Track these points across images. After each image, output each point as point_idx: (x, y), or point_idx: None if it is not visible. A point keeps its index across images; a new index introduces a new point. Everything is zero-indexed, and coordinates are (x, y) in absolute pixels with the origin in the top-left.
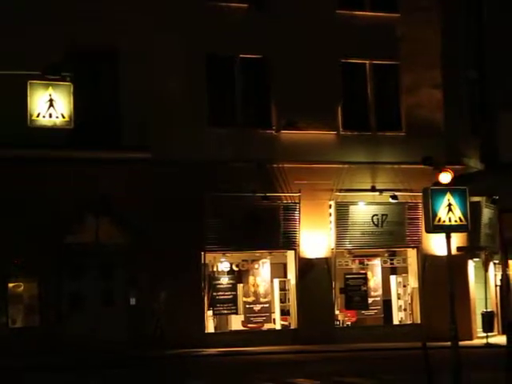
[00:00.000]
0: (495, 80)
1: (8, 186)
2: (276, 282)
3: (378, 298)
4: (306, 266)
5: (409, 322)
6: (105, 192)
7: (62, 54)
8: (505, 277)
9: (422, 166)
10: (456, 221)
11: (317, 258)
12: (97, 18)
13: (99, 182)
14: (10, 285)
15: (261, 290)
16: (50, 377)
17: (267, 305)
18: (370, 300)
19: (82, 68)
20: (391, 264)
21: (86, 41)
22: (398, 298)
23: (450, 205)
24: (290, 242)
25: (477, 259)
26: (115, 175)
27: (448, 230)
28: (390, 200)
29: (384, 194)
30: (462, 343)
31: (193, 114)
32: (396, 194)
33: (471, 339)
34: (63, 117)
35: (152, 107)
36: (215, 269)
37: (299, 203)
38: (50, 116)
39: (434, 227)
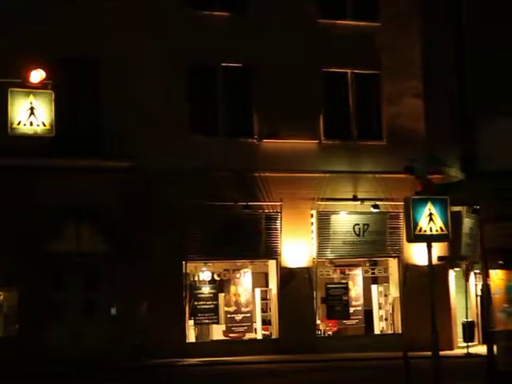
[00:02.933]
0: (475, 89)
1: None
2: (257, 291)
3: (360, 308)
4: (287, 276)
5: (390, 332)
6: (86, 201)
7: (43, 61)
8: (485, 286)
9: (403, 176)
10: (437, 230)
11: (298, 268)
12: (79, 26)
13: (80, 190)
14: None
15: (242, 300)
16: None
17: (248, 314)
18: (352, 310)
19: (63, 76)
20: (372, 273)
21: (68, 48)
22: (380, 308)
23: (431, 214)
24: (272, 252)
25: (458, 269)
26: (96, 184)
27: (429, 239)
28: (372, 209)
29: (365, 203)
30: (442, 353)
31: (174, 123)
32: (377, 203)
33: (452, 349)
34: (44, 125)
35: (134, 115)
36: (196, 278)
37: (281, 212)
38: (31, 124)
39: (415, 237)
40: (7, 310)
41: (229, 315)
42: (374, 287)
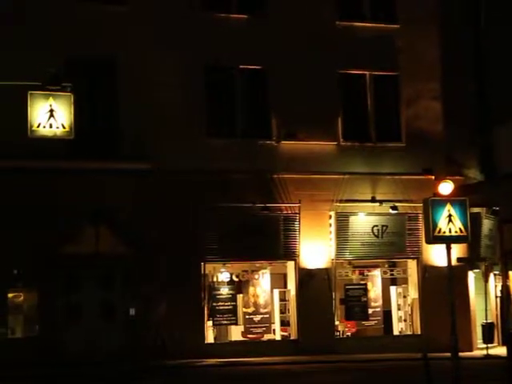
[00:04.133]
0: (494, 91)
1: (8, 197)
2: (276, 292)
3: (378, 309)
4: (306, 277)
5: (409, 333)
6: (104, 202)
7: (62, 64)
8: (505, 288)
9: (422, 177)
10: (456, 232)
11: (317, 269)
12: (96, 29)
13: (99, 192)
14: (10, 295)
15: (261, 301)
16: None
17: (267, 315)
18: (370, 311)
19: (81, 79)
20: (391, 275)
21: (86, 52)
22: (398, 309)
23: (450, 216)
24: (290, 253)
25: (477, 270)
26: (115, 186)
27: (448, 240)
28: (390, 211)
29: (384, 204)
30: (461, 354)
31: (192, 125)
32: (396, 204)
33: (471, 350)
34: (63, 127)
35: (151, 118)
36: (215, 279)
37: (299, 214)
38: (51, 126)
39: (434, 238)
40: (27, 310)
41: (247, 316)
42: (392, 288)
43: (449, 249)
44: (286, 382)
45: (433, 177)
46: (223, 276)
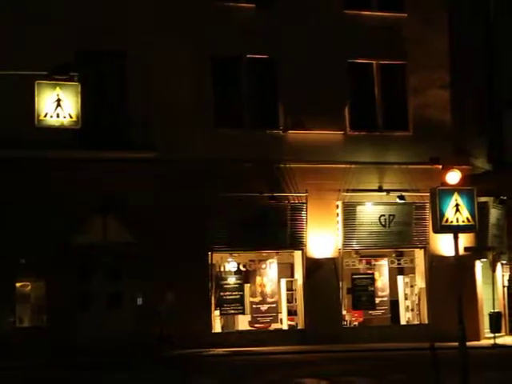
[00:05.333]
0: (503, 80)
1: (15, 186)
2: (283, 282)
3: (386, 298)
4: (313, 266)
5: (416, 323)
6: (112, 192)
7: (69, 54)
8: None
9: (430, 166)
10: (463, 221)
11: (324, 258)
12: (104, 19)
13: (107, 181)
14: (18, 284)
15: (268, 290)
16: (57, 376)
17: (274, 305)
18: (377, 300)
19: (89, 68)
20: (398, 264)
21: (94, 41)
22: (406, 299)
23: (457, 205)
24: (297, 242)
25: (484, 259)
26: (123, 175)
27: (455, 230)
28: (398, 200)
29: (391, 194)
30: (469, 343)
31: (200, 115)
32: (403, 194)
33: (479, 340)
34: (70, 117)
35: (159, 107)
36: (222, 269)
37: (306, 203)
38: (58, 116)
39: (442, 227)
40: (35, 300)
41: (254, 306)
42: (399, 278)
43: (456, 238)
44: (293, 372)
45: (440, 166)
46: (230, 266)
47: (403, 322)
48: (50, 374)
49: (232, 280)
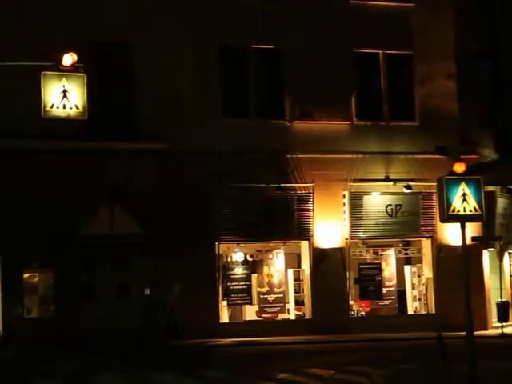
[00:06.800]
0: (509, 69)
1: (22, 177)
2: (290, 272)
3: (393, 288)
4: (320, 256)
5: (423, 312)
6: (119, 183)
7: (75, 44)
8: None
9: (436, 156)
10: (471, 210)
11: (331, 248)
12: (109, 10)
13: (113, 172)
14: (26, 275)
15: (275, 281)
16: (65, 367)
17: (281, 295)
18: (385, 290)
19: (95, 59)
20: (405, 254)
21: (99, 33)
22: (413, 288)
23: (464, 194)
24: (304, 233)
25: (491, 249)
26: (129, 166)
27: (463, 219)
28: (404, 190)
29: (398, 183)
30: (476, 333)
31: (206, 105)
32: (410, 183)
33: (486, 329)
34: (77, 108)
35: (165, 98)
36: (229, 259)
37: (313, 193)
38: (64, 107)
39: (449, 217)
40: (42, 291)
41: (262, 296)
42: (407, 268)
43: (463, 228)
44: (301, 362)
45: (447, 156)
46: (237, 256)
47: (410, 311)
48: (58, 365)
49: (239, 270)
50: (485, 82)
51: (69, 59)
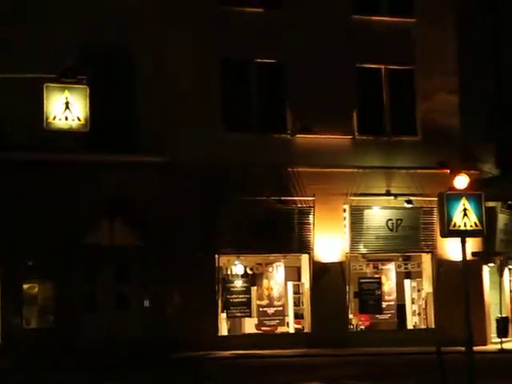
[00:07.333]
0: (511, 85)
1: (23, 188)
2: (290, 285)
3: (392, 303)
4: (320, 270)
5: (423, 327)
6: (120, 195)
7: (76, 56)
8: None
9: (437, 171)
10: (471, 226)
11: (331, 262)
12: (111, 21)
13: (114, 184)
14: (25, 286)
15: (275, 294)
16: (64, 378)
17: (281, 308)
18: (384, 304)
19: (97, 71)
20: (405, 268)
21: (101, 44)
22: (412, 303)
23: (465, 210)
24: (305, 246)
25: (492, 264)
26: (130, 178)
27: (463, 234)
28: (405, 205)
29: (399, 198)
30: (476, 348)
31: (208, 119)
32: (411, 198)
33: (485, 344)
34: (79, 120)
35: (168, 111)
36: (229, 272)
37: (314, 207)
38: (66, 119)
39: (449, 232)
40: (42, 301)
41: (261, 309)
42: (407, 282)
43: (464, 243)
44: (300, 375)
45: (448, 171)
46: (237, 268)
47: (410, 326)
48: (57, 376)
49: (239, 283)
50: (487, 96)
51: None
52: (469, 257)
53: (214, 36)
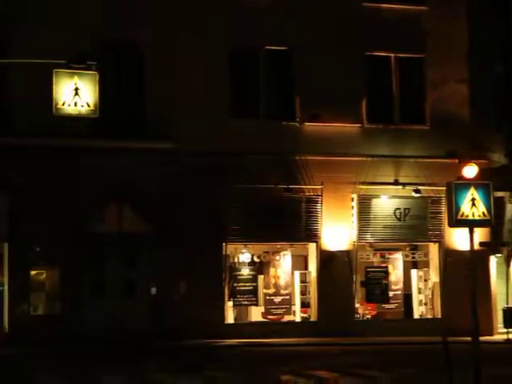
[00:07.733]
0: None
1: (31, 174)
2: (297, 274)
3: (399, 292)
4: (327, 259)
5: (429, 317)
6: (127, 181)
7: (87, 43)
8: None
9: (446, 160)
10: (479, 215)
11: (338, 251)
12: (121, 9)
13: (122, 171)
14: (32, 272)
15: (281, 282)
16: (70, 365)
17: (287, 297)
18: (391, 293)
19: (107, 57)
20: (413, 258)
21: (111, 31)
22: (419, 292)
23: (473, 199)
24: (312, 235)
25: (499, 255)
26: (139, 165)
27: (471, 224)
28: (413, 194)
29: (407, 187)
30: (482, 338)
31: (216, 106)
32: (419, 187)
33: (492, 335)
34: (88, 106)
35: (176, 98)
36: (236, 260)
37: (321, 196)
38: (76, 105)
39: (457, 221)
40: (49, 288)
41: (268, 297)
42: (413, 272)
43: (471, 233)
44: (306, 364)
45: (457, 160)
46: (244, 257)
47: (416, 315)
48: (63, 363)
49: (246, 271)
50: (497, 85)
51: None
52: (476, 247)
53: (223, 23)
